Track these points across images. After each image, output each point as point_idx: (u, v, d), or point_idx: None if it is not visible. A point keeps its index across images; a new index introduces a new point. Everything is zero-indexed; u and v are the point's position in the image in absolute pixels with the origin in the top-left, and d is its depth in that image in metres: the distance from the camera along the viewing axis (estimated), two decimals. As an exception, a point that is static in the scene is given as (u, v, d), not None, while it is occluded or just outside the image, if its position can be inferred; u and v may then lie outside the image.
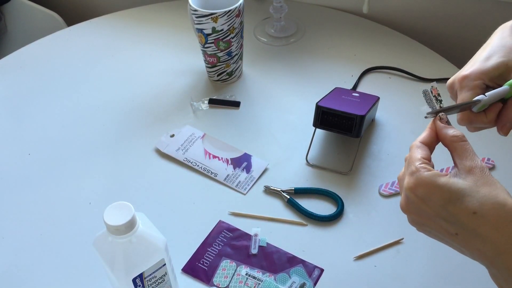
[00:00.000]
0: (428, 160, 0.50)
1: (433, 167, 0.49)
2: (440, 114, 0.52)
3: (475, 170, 0.47)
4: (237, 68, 0.98)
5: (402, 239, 0.73)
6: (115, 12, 1.18)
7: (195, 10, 0.88)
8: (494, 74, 0.53)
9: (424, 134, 0.52)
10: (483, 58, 0.55)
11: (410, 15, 1.10)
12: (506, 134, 0.53)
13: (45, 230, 0.76)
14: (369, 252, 0.72)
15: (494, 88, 0.53)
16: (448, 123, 0.51)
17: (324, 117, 0.81)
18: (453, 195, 0.46)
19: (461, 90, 0.54)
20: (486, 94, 0.52)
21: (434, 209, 0.47)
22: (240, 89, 0.98)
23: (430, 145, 0.52)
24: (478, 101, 0.52)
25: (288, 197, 0.78)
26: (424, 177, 0.47)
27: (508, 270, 0.44)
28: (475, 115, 0.53)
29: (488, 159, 0.82)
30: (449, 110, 0.52)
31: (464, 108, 0.53)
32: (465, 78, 0.54)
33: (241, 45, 0.96)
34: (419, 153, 0.50)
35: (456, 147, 0.49)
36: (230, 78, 0.98)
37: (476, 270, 0.69)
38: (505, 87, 0.52)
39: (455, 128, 0.50)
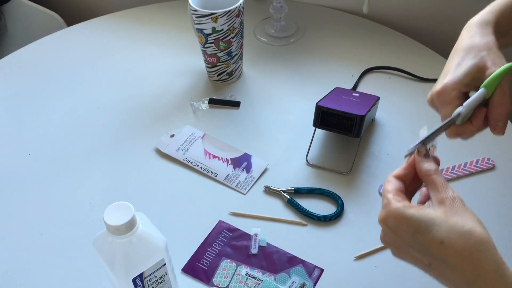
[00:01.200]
0: (401, 191, 0.50)
1: (407, 199, 0.49)
2: (419, 146, 0.51)
3: (446, 200, 0.47)
4: (237, 68, 0.98)
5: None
6: (115, 12, 1.18)
7: (195, 10, 0.88)
8: (467, 80, 0.53)
9: (398, 168, 0.52)
10: (454, 66, 0.54)
11: (410, 15, 1.10)
12: (502, 133, 0.53)
13: (45, 230, 0.76)
14: (369, 252, 0.72)
15: (475, 91, 0.52)
16: (426, 155, 0.51)
17: (324, 117, 0.81)
18: (421, 225, 0.46)
19: (441, 107, 0.54)
20: (463, 104, 0.51)
21: (404, 240, 0.47)
22: (240, 89, 0.98)
23: (404, 178, 0.52)
24: (458, 114, 0.51)
25: (288, 197, 0.78)
26: (393, 208, 0.47)
27: None
28: (461, 127, 0.53)
29: (488, 159, 0.82)
30: (433, 136, 0.51)
31: (448, 125, 0.52)
32: (440, 94, 0.53)
33: (241, 45, 0.96)
34: (390, 185, 0.50)
35: (429, 181, 0.49)
36: (230, 78, 0.98)
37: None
38: (480, 90, 0.51)
39: (431, 161, 0.51)
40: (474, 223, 0.45)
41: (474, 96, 0.51)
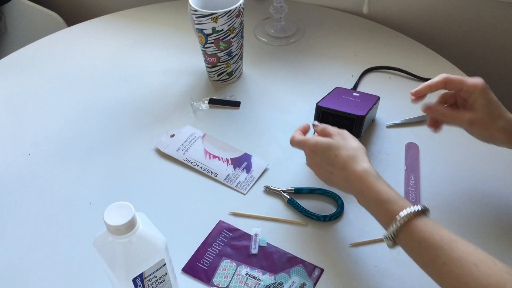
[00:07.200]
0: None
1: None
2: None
3: (335, 134, 0.72)
4: (237, 68, 0.98)
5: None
6: (115, 12, 1.18)
7: (195, 10, 0.88)
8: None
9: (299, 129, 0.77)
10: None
11: (410, 15, 1.10)
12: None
13: (45, 230, 0.76)
14: (365, 242, 0.72)
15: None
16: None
17: (324, 117, 0.81)
18: (326, 147, 0.70)
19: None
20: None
21: (319, 158, 0.71)
22: (240, 89, 0.98)
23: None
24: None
25: (288, 197, 0.78)
26: (312, 141, 0.72)
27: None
28: None
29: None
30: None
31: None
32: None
33: (241, 45, 0.96)
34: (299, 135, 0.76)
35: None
36: (230, 78, 0.98)
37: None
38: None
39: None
40: (355, 142, 0.69)
41: None
